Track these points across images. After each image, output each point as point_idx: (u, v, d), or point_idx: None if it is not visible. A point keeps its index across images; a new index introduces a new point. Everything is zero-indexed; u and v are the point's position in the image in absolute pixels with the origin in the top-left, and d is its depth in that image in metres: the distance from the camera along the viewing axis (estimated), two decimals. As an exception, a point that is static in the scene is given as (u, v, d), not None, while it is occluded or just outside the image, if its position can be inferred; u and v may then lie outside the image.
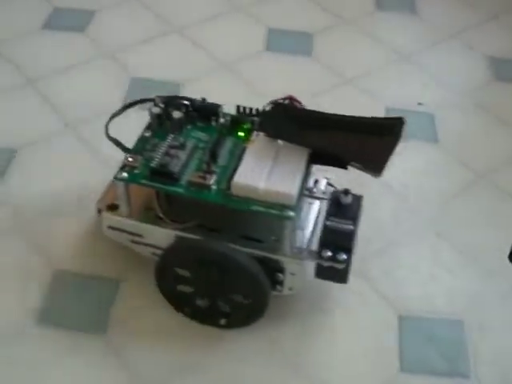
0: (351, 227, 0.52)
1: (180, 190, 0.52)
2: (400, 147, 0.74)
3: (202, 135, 0.56)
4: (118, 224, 0.56)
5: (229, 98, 0.59)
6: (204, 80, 0.80)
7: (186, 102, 0.56)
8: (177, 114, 0.55)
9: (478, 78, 0.87)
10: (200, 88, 0.78)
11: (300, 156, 0.53)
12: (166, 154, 0.53)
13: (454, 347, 0.57)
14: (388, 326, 0.58)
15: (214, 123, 0.57)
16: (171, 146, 0.54)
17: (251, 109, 0.56)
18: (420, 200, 0.69)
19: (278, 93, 0.56)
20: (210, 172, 0.52)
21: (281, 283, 0.54)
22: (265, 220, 0.53)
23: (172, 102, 0.57)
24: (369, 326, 0.58)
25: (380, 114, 0.79)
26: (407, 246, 0.64)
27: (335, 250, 0.51)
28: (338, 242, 0.52)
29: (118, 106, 0.58)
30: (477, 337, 0.58)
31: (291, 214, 0.49)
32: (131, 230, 0.56)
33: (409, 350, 0.57)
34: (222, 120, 0.57)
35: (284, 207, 0.50)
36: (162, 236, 0.54)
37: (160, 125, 0.56)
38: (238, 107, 0.57)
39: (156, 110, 0.56)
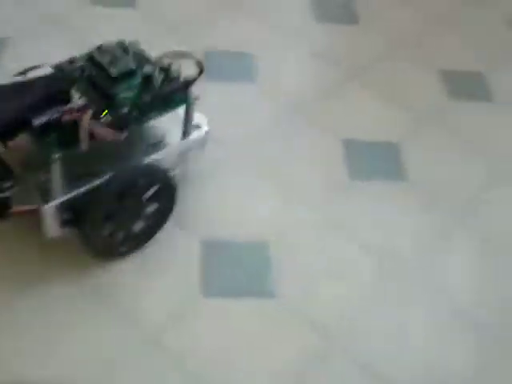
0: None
1: None
2: (221, 88, 0.77)
3: None
4: None
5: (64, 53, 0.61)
6: (33, 39, 0.81)
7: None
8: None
9: (298, 18, 0.90)
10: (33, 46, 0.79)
11: None
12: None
13: (260, 269, 0.61)
14: (191, 254, 0.61)
15: None
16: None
17: None
18: (235, 138, 0.73)
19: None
20: None
21: None
22: None
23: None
24: (171, 257, 0.61)
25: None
26: (215, 176, 0.68)
27: None
28: None
29: None
30: (280, 257, 0.62)
31: None
32: None
33: (213, 275, 0.60)
34: None
35: None
36: None
37: None
38: None
39: None
